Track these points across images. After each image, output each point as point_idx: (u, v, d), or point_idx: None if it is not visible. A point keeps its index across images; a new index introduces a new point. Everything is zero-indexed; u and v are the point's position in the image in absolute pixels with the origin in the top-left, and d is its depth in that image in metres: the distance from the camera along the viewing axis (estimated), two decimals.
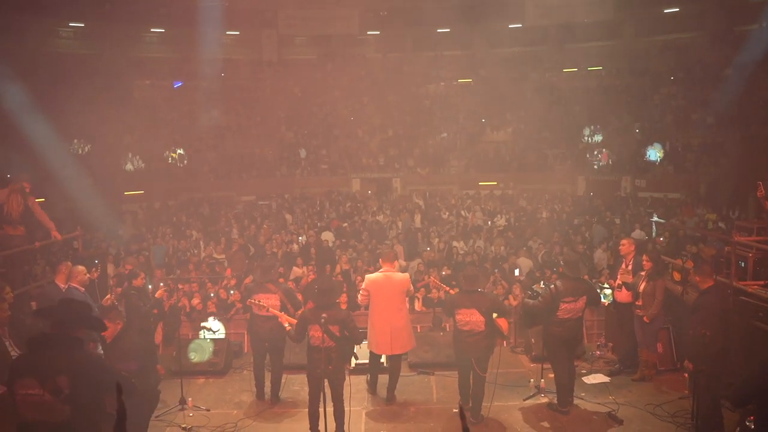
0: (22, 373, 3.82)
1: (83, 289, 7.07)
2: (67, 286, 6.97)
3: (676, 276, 8.15)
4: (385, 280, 7.22)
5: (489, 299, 6.83)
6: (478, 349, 6.65)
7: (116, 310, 5.90)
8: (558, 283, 6.77)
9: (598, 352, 8.72)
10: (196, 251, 14.71)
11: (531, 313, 7.05)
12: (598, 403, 7.17)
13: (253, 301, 7.23)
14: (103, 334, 5.38)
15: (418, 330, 9.25)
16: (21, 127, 12.81)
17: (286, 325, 6.78)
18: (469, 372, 6.82)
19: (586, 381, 7.82)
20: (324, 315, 6.01)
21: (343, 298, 9.82)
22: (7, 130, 12.64)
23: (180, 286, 11.05)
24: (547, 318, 6.86)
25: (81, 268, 7.17)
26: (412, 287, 7.69)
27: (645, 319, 7.53)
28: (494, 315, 6.79)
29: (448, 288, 7.76)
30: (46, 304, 5.76)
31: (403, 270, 10.15)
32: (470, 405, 6.83)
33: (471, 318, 6.63)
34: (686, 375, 7.02)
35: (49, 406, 3.75)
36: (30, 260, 8.27)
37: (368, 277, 7.41)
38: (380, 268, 7.39)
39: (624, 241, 8.20)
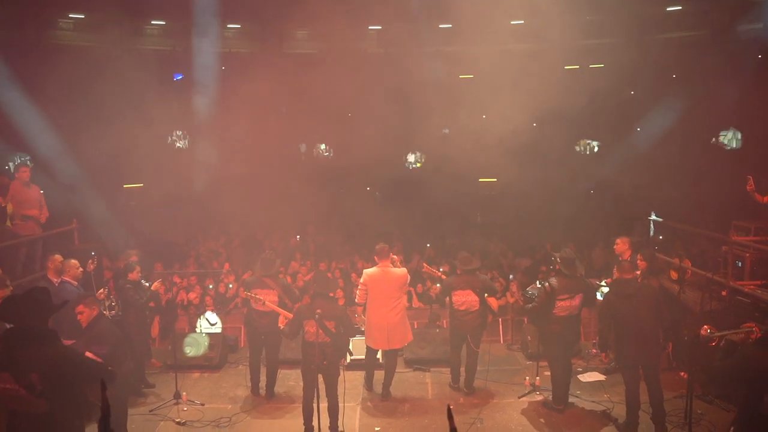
0: None
1: (76, 283, 7.02)
2: (59, 281, 6.94)
3: (673, 275, 8.13)
4: (382, 275, 7.20)
5: (481, 280, 7.42)
6: (473, 326, 7.31)
7: (93, 297, 5.90)
8: (553, 280, 6.74)
9: (594, 350, 8.71)
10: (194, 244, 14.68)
11: (532, 317, 7.18)
12: (594, 402, 7.17)
13: (250, 294, 7.21)
14: (78, 318, 5.48)
15: (415, 326, 9.24)
16: (17, 119, 12.80)
17: (282, 324, 6.74)
18: (461, 348, 7.49)
19: (581, 379, 7.82)
20: (319, 310, 5.99)
21: (339, 293, 9.82)
22: (3, 122, 12.61)
23: (177, 280, 11.03)
24: (544, 315, 6.86)
25: (74, 262, 7.10)
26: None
27: None
28: (485, 295, 7.37)
29: (440, 273, 8.33)
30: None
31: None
32: (463, 377, 7.50)
33: (466, 298, 7.26)
34: (682, 374, 7.01)
35: (25, 399, 3.82)
36: (17, 252, 8.23)
37: (366, 271, 7.37)
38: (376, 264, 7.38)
39: (618, 241, 8.07)
